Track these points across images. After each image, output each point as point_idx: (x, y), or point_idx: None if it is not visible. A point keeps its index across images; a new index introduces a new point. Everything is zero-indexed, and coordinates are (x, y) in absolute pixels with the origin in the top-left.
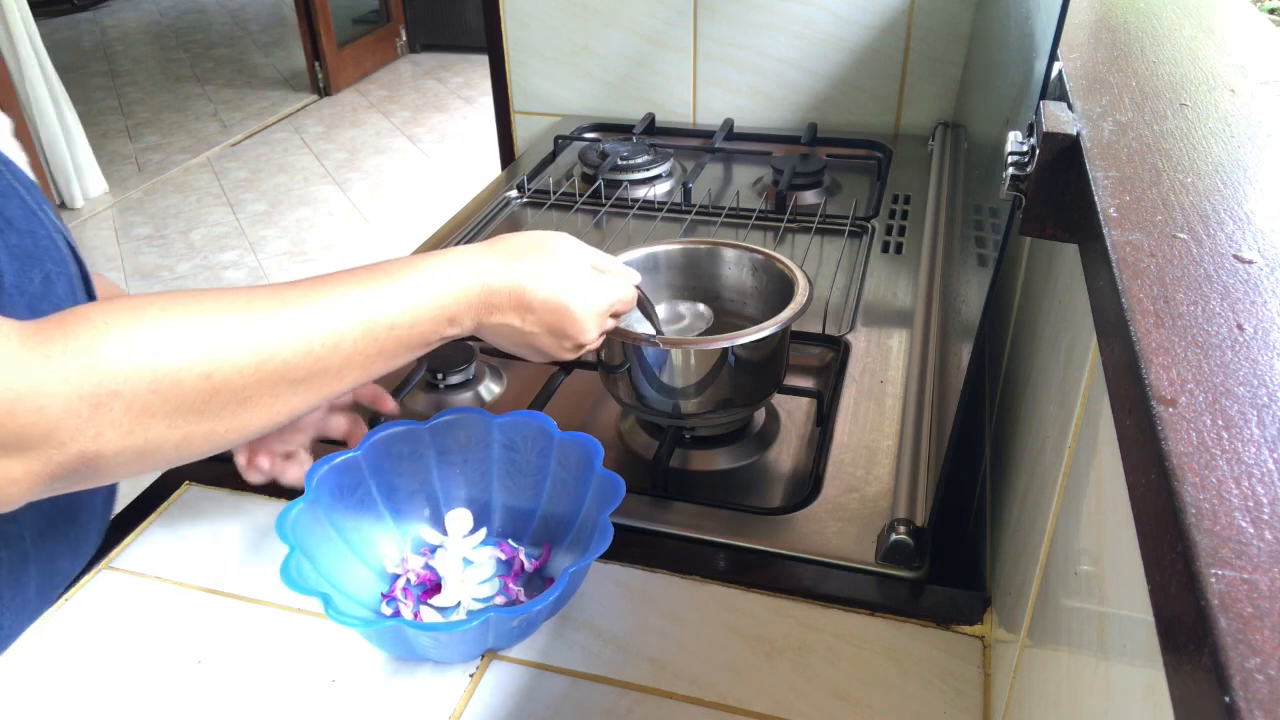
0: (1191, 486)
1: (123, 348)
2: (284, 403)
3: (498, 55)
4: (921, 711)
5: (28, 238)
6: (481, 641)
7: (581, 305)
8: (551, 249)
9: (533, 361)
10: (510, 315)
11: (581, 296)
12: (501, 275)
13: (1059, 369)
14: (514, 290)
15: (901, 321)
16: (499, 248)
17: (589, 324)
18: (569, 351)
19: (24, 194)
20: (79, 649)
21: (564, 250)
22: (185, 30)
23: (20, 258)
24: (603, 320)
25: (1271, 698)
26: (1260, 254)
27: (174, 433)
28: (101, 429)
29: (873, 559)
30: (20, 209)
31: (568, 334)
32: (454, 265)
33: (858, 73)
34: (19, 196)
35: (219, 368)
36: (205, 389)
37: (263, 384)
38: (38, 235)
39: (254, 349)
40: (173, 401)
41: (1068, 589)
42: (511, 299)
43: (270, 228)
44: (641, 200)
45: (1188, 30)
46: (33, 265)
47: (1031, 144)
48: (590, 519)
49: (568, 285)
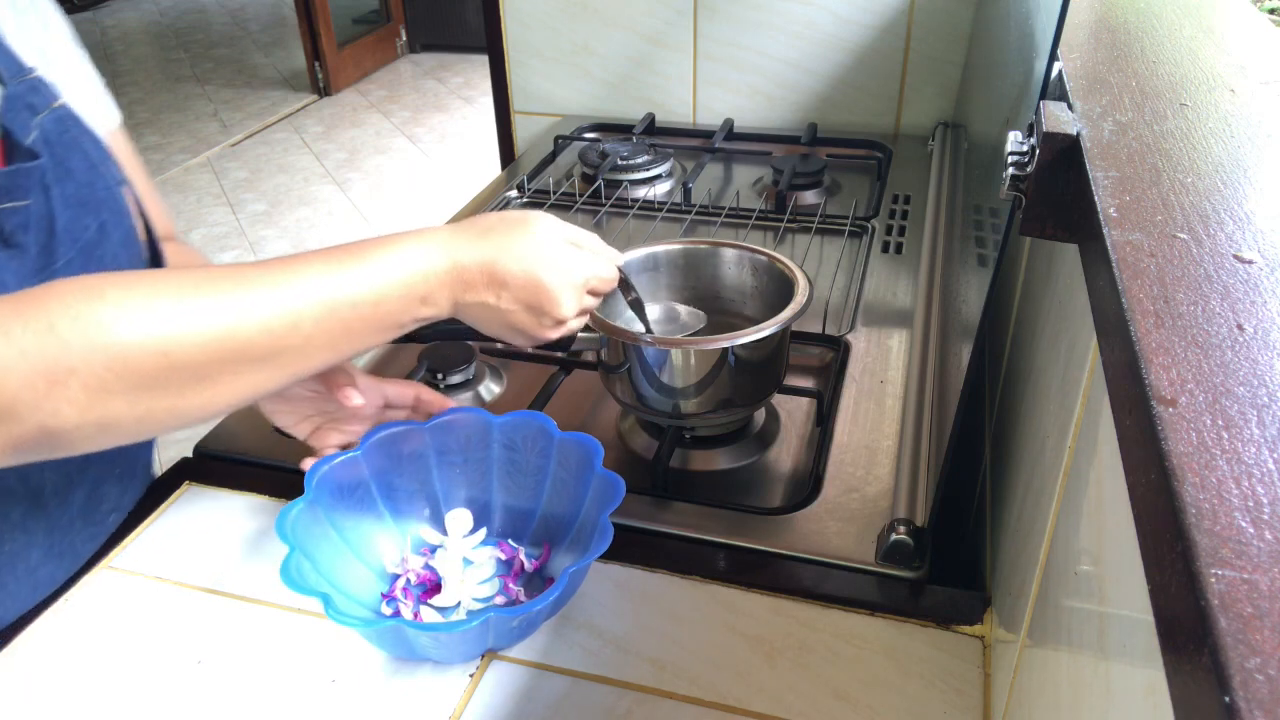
0: (1191, 486)
1: (80, 325)
2: (246, 380)
3: (498, 55)
4: (921, 711)
5: (85, 188)
6: (481, 641)
7: (556, 278)
8: (525, 224)
9: (519, 347)
10: (485, 293)
11: (556, 269)
12: (472, 252)
13: (1059, 369)
14: (486, 266)
15: (901, 321)
16: (472, 226)
17: (565, 297)
18: (549, 329)
19: (89, 148)
20: (79, 649)
21: (539, 225)
22: (185, 30)
23: (74, 206)
24: (580, 295)
25: (1271, 698)
26: (1260, 254)
27: (134, 409)
28: (59, 405)
29: (873, 559)
30: (82, 161)
31: (545, 309)
32: (422, 243)
33: (858, 73)
34: (82, 150)
35: (177, 345)
36: (163, 366)
37: (223, 362)
38: (95, 187)
39: (212, 328)
40: (130, 379)
41: (1068, 589)
42: (484, 275)
43: (270, 228)
44: (641, 200)
45: (1188, 30)
46: (87, 214)
47: (1031, 144)
48: (590, 519)
49: (541, 258)
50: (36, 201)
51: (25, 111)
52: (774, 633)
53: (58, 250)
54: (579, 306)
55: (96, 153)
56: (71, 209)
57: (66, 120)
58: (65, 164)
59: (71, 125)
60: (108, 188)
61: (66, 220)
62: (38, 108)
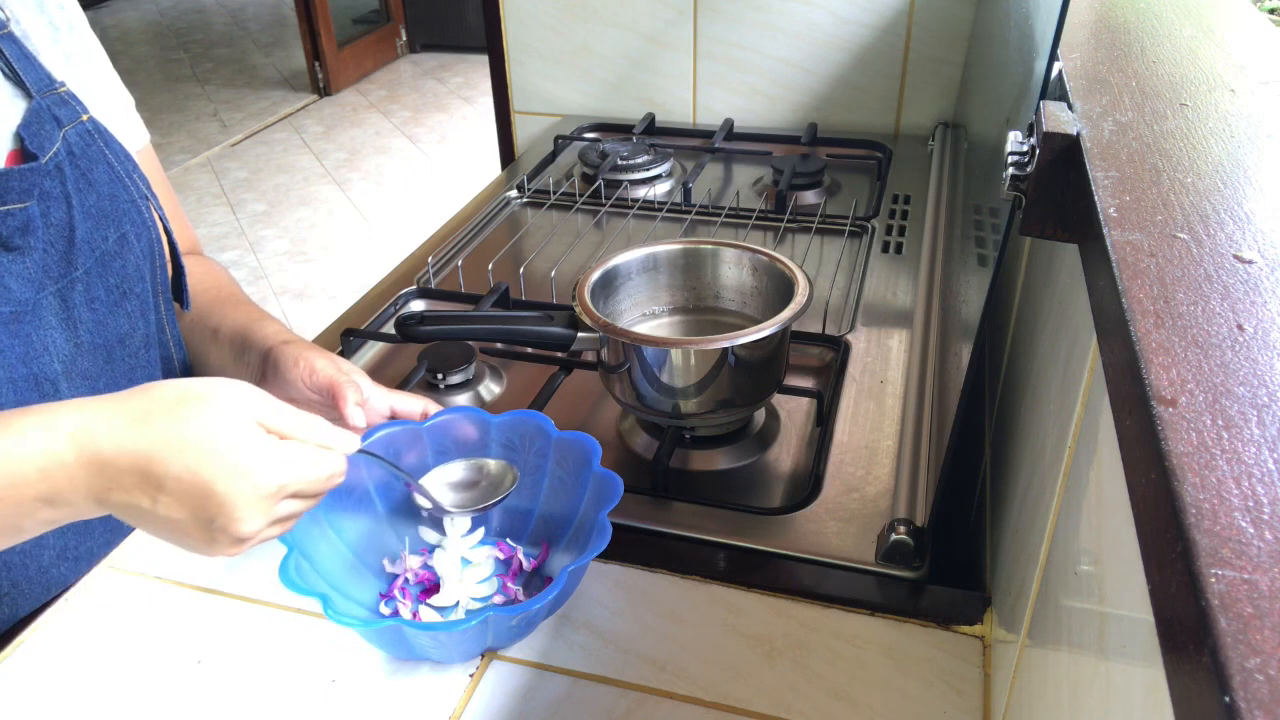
0: (1191, 486)
1: None
2: None
3: (498, 55)
4: (921, 711)
5: (107, 200)
6: (480, 641)
7: (233, 484)
8: (203, 404)
9: (195, 554)
10: (136, 494)
11: (234, 471)
12: (121, 440)
13: (1059, 369)
14: (138, 462)
15: (901, 321)
16: (129, 403)
17: (245, 510)
18: (226, 545)
19: (114, 161)
20: (79, 649)
21: (219, 405)
22: (185, 30)
23: (95, 217)
24: (270, 504)
25: (1271, 698)
26: (1260, 254)
27: None
28: None
29: (873, 559)
30: (106, 173)
31: (215, 522)
32: (46, 429)
33: (858, 73)
34: (106, 162)
35: None
36: None
37: None
38: (118, 199)
39: None
40: None
41: (1068, 589)
42: (134, 473)
43: (270, 228)
44: (641, 200)
45: (1188, 30)
46: (108, 225)
47: (1031, 144)
48: (589, 518)
49: (213, 453)
50: (56, 210)
51: (50, 124)
52: (774, 633)
53: (77, 259)
54: (269, 518)
55: (122, 166)
56: (92, 219)
57: (93, 134)
58: (88, 175)
59: (97, 138)
60: (131, 200)
61: (86, 230)
62: (64, 120)
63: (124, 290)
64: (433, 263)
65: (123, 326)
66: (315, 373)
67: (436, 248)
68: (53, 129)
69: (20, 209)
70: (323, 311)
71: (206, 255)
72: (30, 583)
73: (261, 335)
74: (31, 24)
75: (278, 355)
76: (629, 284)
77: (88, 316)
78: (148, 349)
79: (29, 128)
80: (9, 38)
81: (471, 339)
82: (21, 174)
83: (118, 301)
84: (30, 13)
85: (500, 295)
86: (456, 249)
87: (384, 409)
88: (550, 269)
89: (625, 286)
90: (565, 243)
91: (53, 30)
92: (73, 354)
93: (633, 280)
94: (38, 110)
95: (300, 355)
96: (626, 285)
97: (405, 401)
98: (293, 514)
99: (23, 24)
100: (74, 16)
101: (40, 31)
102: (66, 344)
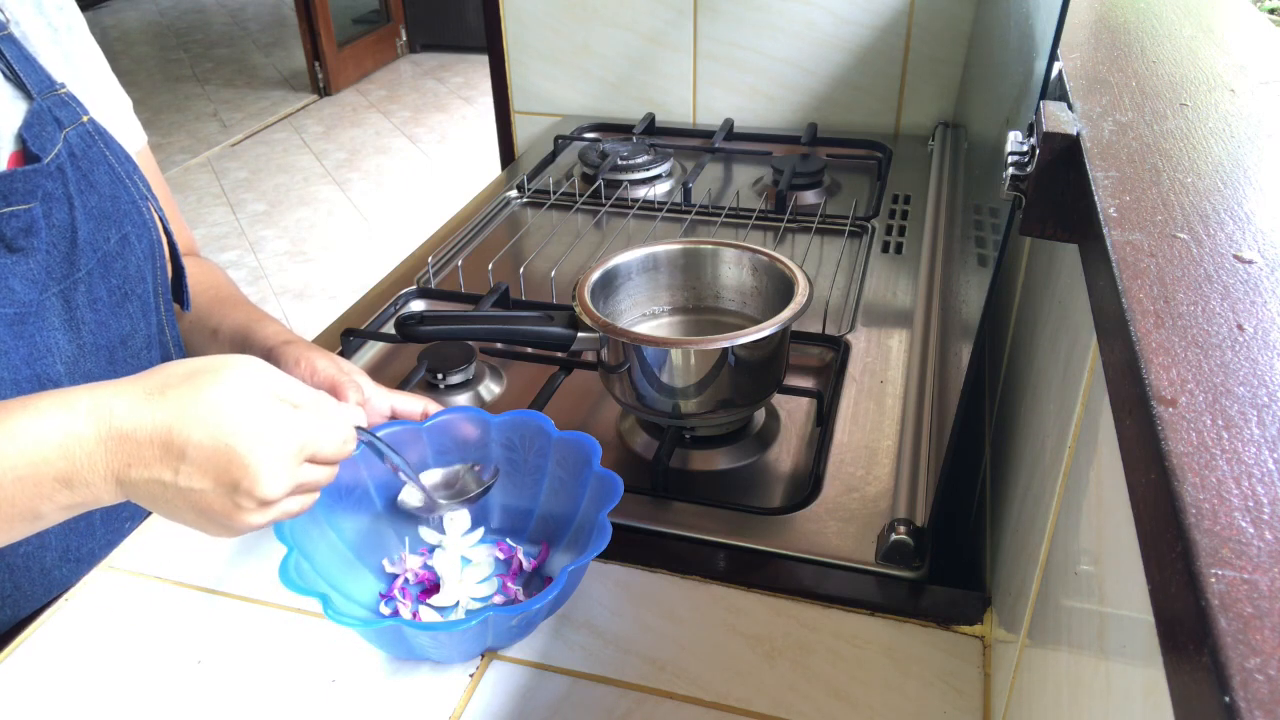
0: (1191, 486)
1: None
2: None
3: (498, 55)
4: (921, 711)
5: (108, 201)
6: (480, 641)
7: (255, 445)
8: (217, 375)
9: (214, 535)
10: (159, 468)
11: (255, 434)
12: (139, 415)
13: (1059, 369)
14: (158, 433)
15: (901, 321)
16: (144, 381)
17: (267, 470)
18: (250, 512)
19: (114, 162)
20: (79, 649)
21: (235, 376)
22: (185, 30)
23: (97, 218)
24: (293, 466)
25: (1271, 698)
26: (1260, 254)
27: None
28: None
29: (873, 559)
30: (107, 175)
31: (241, 486)
32: (65, 407)
33: (858, 73)
34: (107, 163)
35: None
36: None
37: None
38: (119, 200)
39: None
40: None
41: (1068, 589)
42: (157, 445)
43: (270, 228)
44: (641, 200)
45: (1188, 30)
46: (110, 225)
47: (1031, 144)
48: (588, 518)
49: (235, 421)
50: (58, 211)
51: (51, 125)
52: (774, 633)
53: (79, 260)
54: (292, 482)
55: (123, 167)
56: (94, 220)
57: (93, 135)
58: (90, 176)
59: (98, 139)
60: (132, 201)
61: (88, 231)
62: (64, 122)
63: (126, 291)
64: (433, 263)
65: (125, 327)
66: (316, 373)
67: (436, 248)
68: (54, 130)
69: (24, 210)
70: (323, 311)
71: (204, 256)
72: (33, 584)
73: (262, 335)
74: (31, 25)
75: (278, 355)
76: (629, 284)
77: (90, 317)
78: (149, 350)
79: (31, 129)
80: (9, 39)
81: (471, 339)
82: (25, 175)
83: (120, 302)
84: (29, 14)
85: (500, 295)
86: (456, 249)
87: (384, 409)
88: (550, 269)
89: (625, 286)
90: (565, 243)
91: (52, 31)
92: (75, 355)
93: (633, 280)
94: (39, 112)
95: (301, 355)
96: (626, 285)
97: (405, 401)
98: (312, 483)
99: (22, 25)
100: (72, 18)
101: (39, 33)
102: (69, 345)
